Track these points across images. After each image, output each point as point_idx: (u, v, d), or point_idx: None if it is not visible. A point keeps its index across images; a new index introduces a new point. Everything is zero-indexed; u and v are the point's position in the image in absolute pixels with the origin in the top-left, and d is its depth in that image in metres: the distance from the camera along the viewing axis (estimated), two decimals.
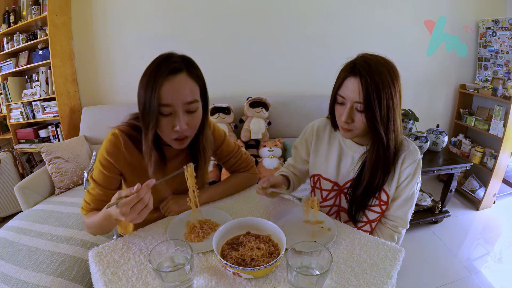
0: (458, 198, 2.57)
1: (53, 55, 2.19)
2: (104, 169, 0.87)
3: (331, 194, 1.01)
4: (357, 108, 0.83)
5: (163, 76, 0.75)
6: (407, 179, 0.91)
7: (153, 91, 0.74)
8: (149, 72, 0.77)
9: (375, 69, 0.80)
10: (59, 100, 2.28)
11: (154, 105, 0.75)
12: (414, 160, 0.90)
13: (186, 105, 0.79)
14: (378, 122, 0.82)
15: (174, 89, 0.76)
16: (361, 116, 0.83)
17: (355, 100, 0.82)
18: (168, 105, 0.76)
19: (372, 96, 0.79)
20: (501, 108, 2.25)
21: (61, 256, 1.32)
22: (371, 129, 0.84)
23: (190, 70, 0.80)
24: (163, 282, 0.61)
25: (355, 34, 2.48)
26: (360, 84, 0.80)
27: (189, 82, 0.79)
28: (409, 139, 0.95)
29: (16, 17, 2.34)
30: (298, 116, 2.33)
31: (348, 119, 0.84)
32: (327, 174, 1.01)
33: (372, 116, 0.81)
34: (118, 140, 0.86)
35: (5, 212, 2.25)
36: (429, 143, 2.15)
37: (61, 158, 2.02)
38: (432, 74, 2.68)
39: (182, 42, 2.38)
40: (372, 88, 0.79)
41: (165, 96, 0.75)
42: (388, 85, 0.81)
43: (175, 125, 0.78)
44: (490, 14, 2.48)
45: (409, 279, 1.71)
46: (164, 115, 0.78)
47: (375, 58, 0.83)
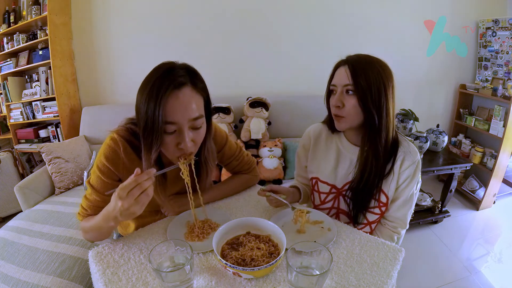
0: (458, 198, 2.57)
1: (53, 55, 2.19)
2: (102, 175, 0.82)
3: (329, 197, 1.00)
4: (348, 91, 0.84)
5: (168, 91, 0.70)
6: (406, 181, 0.90)
7: (156, 107, 0.70)
8: (151, 85, 0.72)
9: (364, 60, 0.84)
10: (59, 100, 2.28)
11: (158, 122, 0.70)
12: (413, 161, 0.89)
13: (192, 122, 0.75)
14: (369, 102, 0.82)
15: (179, 105, 0.72)
16: (352, 99, 0.84)
17: (344, 83, 0.84)
18: (173, 123, 0.73)
19: (361, 76, 0.81)
20: (501, 108, 2.25)
21: (61, 256, 1.32)
22: (363, 109, 0.83)
23: (195, 83, 0.76)
24: (163, 282, 0.61)
25: (355, 34, 2.48)
26: (348, 69, 0.83)
27: (194, 96, 0.75)
28: (408, 139, 0.95)
29: (16, 17, 2.34)
30: (298, 116, 2.34)
31: (338, 102, 0.85)
32: (324, 177, 1.00)
33: (363, 96, 0.82)
34: (118, 146, 0.81)
35: (5, 212, 2.25)
36: (429, 143, 2.15)
37: (61, 158, 2.02)
38: (432, 74, 2.69)
39: (182, 42, 2.38)
40: (360, 71, 0.82)
41: (170, 113, 0.71)
42: (378, 72, 0.82)
43: (180, 142, 0.75)
44: (490, 14, 2.48)
45: (409, 279, 1.71)
46: (168, 133, 0.74)
47: (367, 56, 0.86)
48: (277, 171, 2.06)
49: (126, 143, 0.82)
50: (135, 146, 0.83)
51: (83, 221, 0.86)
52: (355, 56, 0.86)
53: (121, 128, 0.85)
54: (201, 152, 0.88)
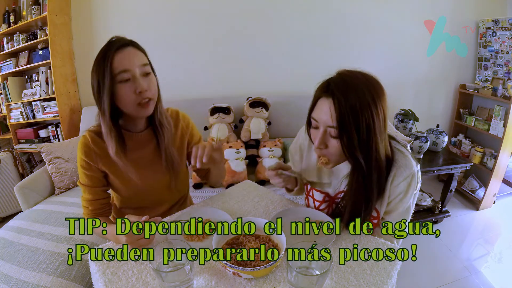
0: (458, 198, 2.57)
1: (53, 55, 2.19)
2: (84, 170, 0.92)
3: (323, 205, 0.98)
4: (331, 133, 0.73)
5: (113, 50, 0.80)
6: (399, 196, 0.82)
7: (106, 63, 0.79)
8: (99, 55, 0.81)
9: (352, 88, 0.70)
10: (59, 100, 2.28)
11: (108, 75, 0.79)
12: (406, 176, 0.79)
13: (142, 67, 0.83)
14: (356, 149, 0.72)
15: (127, 55, 0.81)
16: (335, 142, 0.73)
17: (327, 124, 0.72)
18: (126, 70, 0.80)
19: (347, 119, 0.69)
20: (501, 108, 2.25)
21: (61, 256, 1.31)
22: (349, 156, 0.74)
23: (136, 45, 0.85)
24: (163, 282, 0.61)
25: (355, 34, 2.48)
26: (333, 106, 0.70)
27: (137, 52, 0.84)
28: (404, 150, 0.84)
29: (16, 17, 2.34)
30: (298, 116, 2.33)
31: (321, 144, 0.75)
32: (318, 186, 0.97)
33: (349, 142, 0.71)
34: (87, 139, 0.91)
35: (5, 212, 2.25)
36: (429, 143, 2.15)
37: (61, 158, 2.02)
38: (432, 74, 2.68)
39: (182, 42, 2.38)
40: (347, 110, 0.68)
41: (120, 63, 0.80)
42: (368, 105, 0.69)
43: (137, 87, 0.81)
44: (490, 14, 2.48)
45: (409, 279, 1.71)
46: (123, 82, 0.81)
47: (353, 75, 0.73)
48: None
49: (94, 134, 0.92)
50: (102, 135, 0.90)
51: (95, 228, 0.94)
52: (340, 81, 0.72)
53: (91, 126, 0.95)
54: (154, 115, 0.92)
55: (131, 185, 0.96)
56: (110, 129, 0.86)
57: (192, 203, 1.23)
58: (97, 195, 0.94)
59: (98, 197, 0.95)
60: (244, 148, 2.12)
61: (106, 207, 0.98)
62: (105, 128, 0.86)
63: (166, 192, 1.04)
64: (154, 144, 0.97)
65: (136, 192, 0.99)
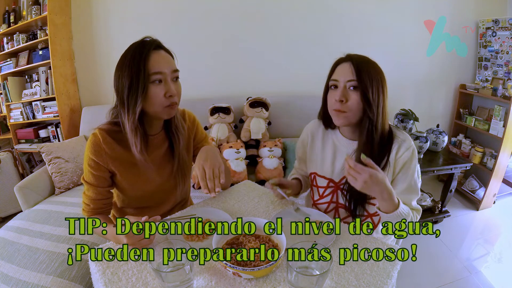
0: (458, 198, 2.57)
1: (53, 55, 2.19)
2: (92, 169, 0.90)
3: (327, 191, 1.02)
4: (350, 87, 0.86)
5: (150, 49, 0.81)
6: (404, 167, 0.91)
7: (141, 62, 0.79)
8: (131, 52, 0.81)
9: (366, 60, 0.89)
10: (59, 100, 2.28)
11: (143, 75, 0.79)
12: (407, 147, 0.90)
13: (173, 73, 0.85)
14: (370, 99, 0.85)
15: (162, 58, 0.83)
16: (355, 95, 0.86)
17: (348, 79, 0.86)
18: (159, 73, 0.81)
19: (364, 75, 0.84)
20: (501, 108, 2.25)
21: (61, 256, 1.31)
22: (364, 108, 0.86)
23: (168, 51, 0.88)
24: (163, 282, 0.61)
25: (355, 34, 2.48)
26: (352, 65, 0.86)
27: (170, 57, 0.87)
28: (400, 129, 0.97)
29: (16, 17, 2.34)
30: (298, 116, 2.33)
31: (342, 97, 0.86)
32: (322, 171, 1.03)
33: (365, 95, 0.84)
34: (98, 138, 0.88)
35: (5, 212, 2.25)
36: (429, 143, 2.15)
37: (61, 158, 2.02)
38: (432, 74, 2.68)
39: (182, 42, 2.37)
40: (363, 68, 0.85)
41: (155, 65, 0.81)
42: (378, 73, 0.87)
43: (167, 91, 0.83)
44: (490, 14, 2.48)
45: (409, 279, 1.71)
46: (155, 84, 0.82)
47: (363, 55, 0.91)
48: (277, 171, 2.06)
49: (106, 134, 0.89)
50: (114, 134, 0.90)
51: (95, 228, 0.92)
52: (355, 55, 0.90)
53: (103, 123, 0.93)
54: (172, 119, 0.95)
55: (138, 186, 0.97)
56: (136, 127, 0.85)
57: (192, 203, 1.23)
58: (100, 195, 0.94)
59: (101, 197, 0.94)
60: (244, 148, 2.12)
61: (107, 206, 0.98)
62: (131, 125, 0.85)
63: (172, 194, 1.05)
64: (166, 147, 0.98)
65: (142, 193, 0.99)
